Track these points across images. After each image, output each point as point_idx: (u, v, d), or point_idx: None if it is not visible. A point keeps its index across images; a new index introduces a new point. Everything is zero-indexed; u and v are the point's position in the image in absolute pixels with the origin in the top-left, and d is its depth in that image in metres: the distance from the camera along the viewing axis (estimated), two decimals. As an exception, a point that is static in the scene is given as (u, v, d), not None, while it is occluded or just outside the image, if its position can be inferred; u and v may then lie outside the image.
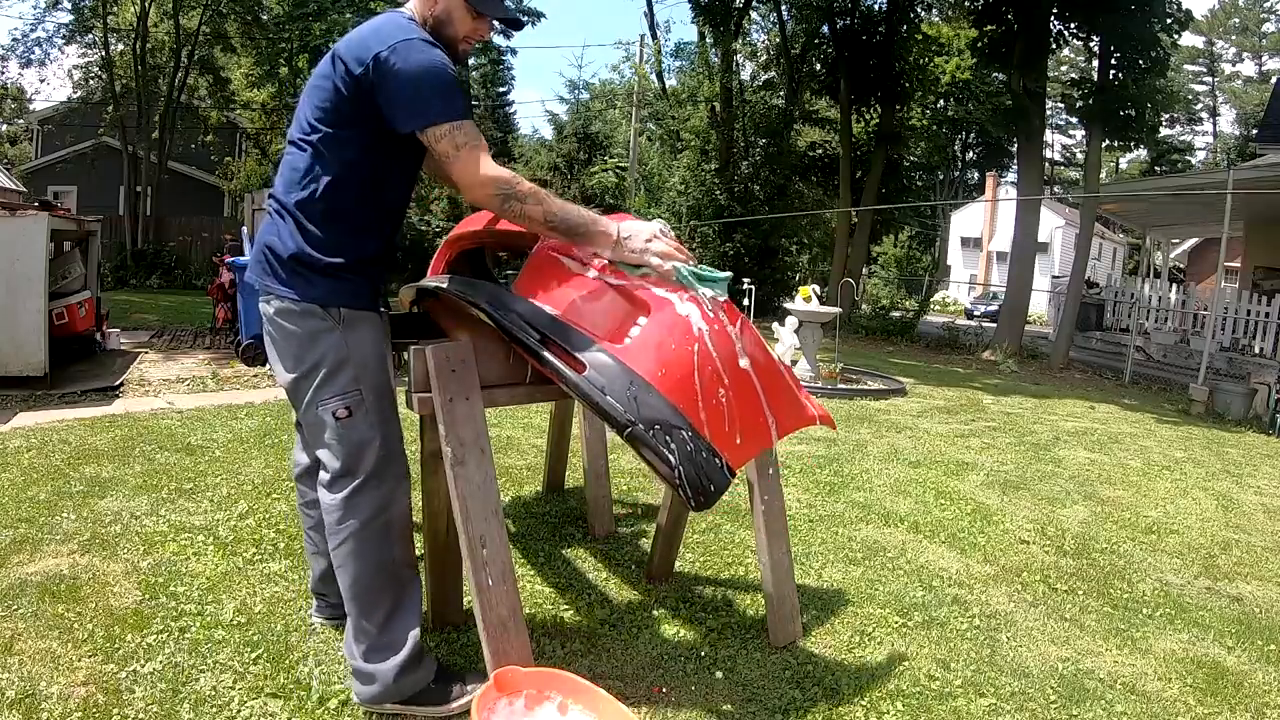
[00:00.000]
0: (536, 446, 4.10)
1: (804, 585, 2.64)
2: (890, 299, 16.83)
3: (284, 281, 1.74)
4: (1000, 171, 34.47)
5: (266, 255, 1.78)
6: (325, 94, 1.73)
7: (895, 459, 4.57)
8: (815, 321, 7.29)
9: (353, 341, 1.75)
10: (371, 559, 1.76)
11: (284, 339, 1.77)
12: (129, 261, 14.56)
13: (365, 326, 1.78)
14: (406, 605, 1.79)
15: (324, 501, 1.79)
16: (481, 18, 1.84)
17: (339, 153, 1.73)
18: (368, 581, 1.75)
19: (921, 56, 16.82)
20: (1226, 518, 4.00)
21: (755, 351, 1.79)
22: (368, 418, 1.75)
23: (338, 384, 1.74)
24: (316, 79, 1.77)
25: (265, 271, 1.78)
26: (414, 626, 1.78)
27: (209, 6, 15.31)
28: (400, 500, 1.82)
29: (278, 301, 1.75)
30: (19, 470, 3.20)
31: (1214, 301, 12.07)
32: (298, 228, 1.74)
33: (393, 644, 1.75)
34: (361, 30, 1.76)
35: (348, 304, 1.75)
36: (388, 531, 1.78)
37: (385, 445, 1.77)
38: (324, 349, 1.73)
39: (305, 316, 1.73)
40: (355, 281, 1.77)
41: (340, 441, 1.75)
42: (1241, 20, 43.05)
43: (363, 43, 1.69)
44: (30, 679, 1.78)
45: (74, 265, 5.73)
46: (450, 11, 1.81)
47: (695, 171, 17.03)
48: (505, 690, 1.53)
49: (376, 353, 1.79)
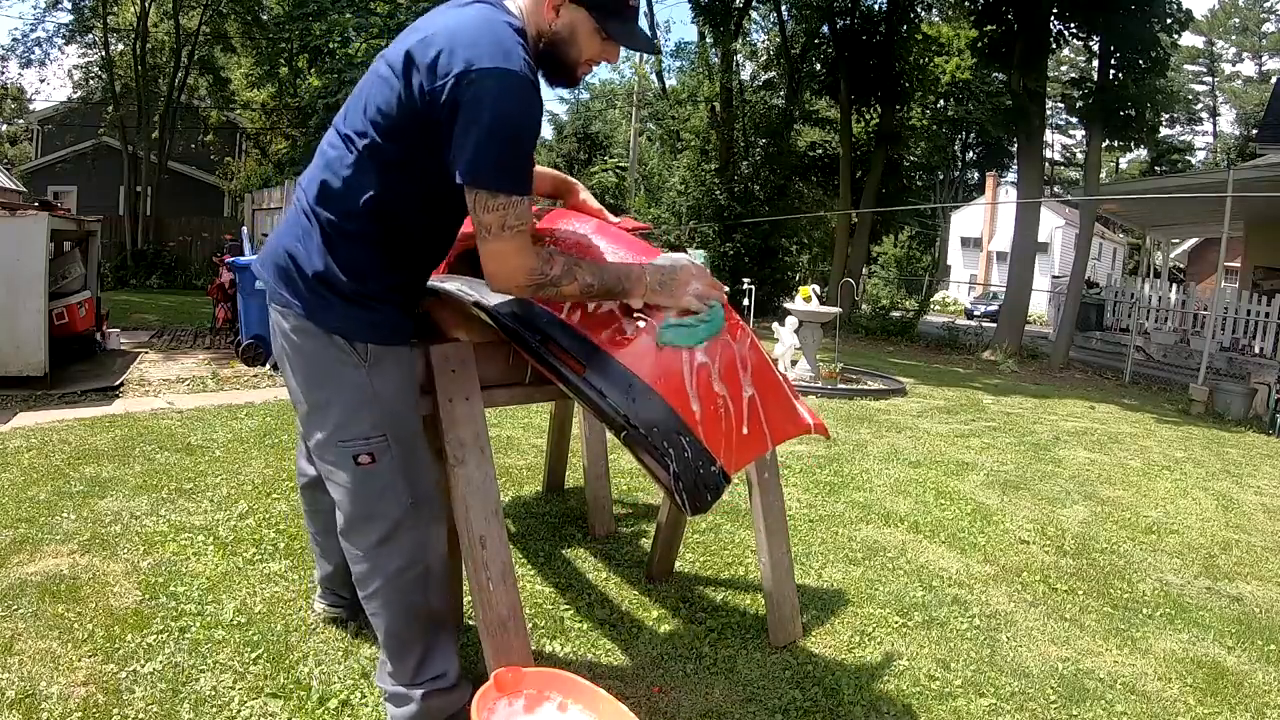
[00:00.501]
0: (536, 446, 4.10)
1: (804, 585, 2.64)
2: (890, 299, 16.82)
3: (304, 300, 1.53)
4: (1000, 171, 34.47)
5: (288, 264, 1.55)
6: (387, 98, 1.46)
7: (895, 459, 4.57)
8: (815, 321, 7.28)
9: (379, 381, 1.55)
10: (402, 609, 1.61)
11: (297, 356, 1.57)
12: (129, 261, 14.57)
13: (393, 363, 1.57)
14: (440, 646, 1.67)
15: (347, 550, 1.64)
16: (611, 41, 1.56)
17: (392, 168, 1.49)
18: (399, 632, 1.63)
19: (921, 56, 16.82)
20: (1226, 518, 4.00)
21: (753, 357, 1.78)
22: (392, 464, 1.56)
23: (359, 427, 1.54)
24: (381, 75, 1.49)
25: (281, 280, 1.56)
26: (448, 665, 1.67)
27: (209, 6, 15.33)
28: (435, 546, 1.64)
29: (295, 319, 1.55)
30: (19, 470, 3.20)
31: (1214, 301, 12.07)
32: (326, 243, 1.52)
33: (427, 680, 1.66)
34: (450, 27, 1.43)
35: (376, 339, 1.54)
36: (422, 581, 1.61)
37: (412, 490, 1.59)
38: (345, 386, 1.54)
39: (326, 345, 1.53)
40: (385, 311, 1.56)
41: (361, 488, 1.57)
42: (1241, 20, 43.04)
43: (450, 50, 1.39)
44: (30, 679, 1.78)
45: (74, 265, 5.73)
46: (575, 30, 1.52)
47: (695, 171, 17.04)
48: (505, 690, 1.53)
49: (405, 393, 1.60)
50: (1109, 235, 31.33)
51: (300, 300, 1.53)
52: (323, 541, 2.03)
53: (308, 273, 1.52)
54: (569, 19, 1.51)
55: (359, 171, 1.50)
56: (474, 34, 1.41)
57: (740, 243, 16.31)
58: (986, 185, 34.31)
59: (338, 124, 1.57)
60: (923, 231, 26.96)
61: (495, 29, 1.43)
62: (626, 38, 1.56)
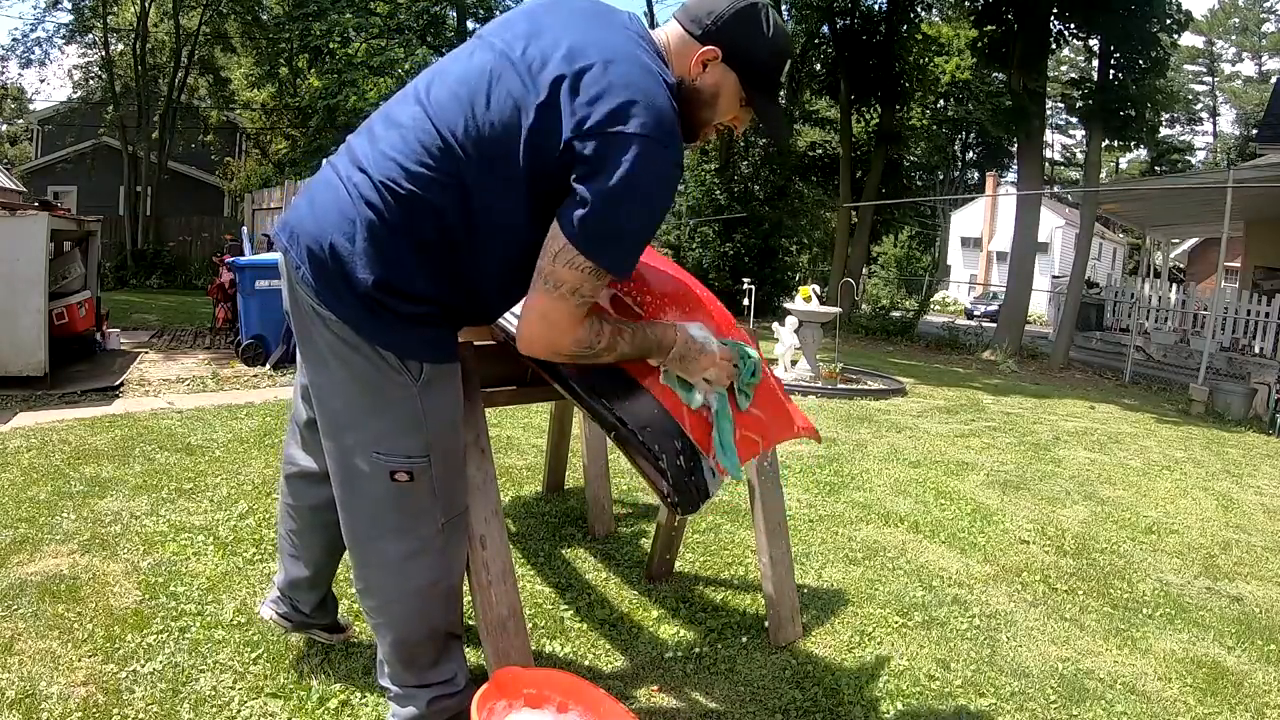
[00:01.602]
0: (536, 446, 4.10)
1: (804, 585, 2.64)
2: (890, 299, 16.85)
3: (349, 308, 1.35)
4: (1000, 171, 34.49)
5: (327, 259, 1.34)
6: (517, 108, 1.27)
7: (895, 459, 4.57)
8: (815, 321, 7.29)
9: (430, 401, 1.42)
10: (421, 625, 1.56)
11: (331, 350, 1.41)
12: (129, 261, 14.57)
13: (446, 382, 1.46)
14: (450, 651, 1.64)
15: (360, 555, 1.57)
16: (747, 110, 1.44)
17: (504, 190, 1.31)
18: (411, 644, 1.57)
19: (921, 56, 16.85)
20: (1226, 518, 4.00)
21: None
22: (431, 485, 1.47)
23: (404, 445, 1.43)
24: (522, 84, 1.29)
25: (319, 276, 1.35)
26: (456, 669, 1.64)
27: (209, 6, 15.34)
28: (459, 564, 1.59)
29: (336, 326, 1.37)
30: (19, 470, 3.20)
31: (1214, 301, 12.09)
32: (382, 249, 1.32)
33: (435, 684, 1.62)
34: (620, 69, 1.26)
35: (430, 358, 1.41)
36: (443, 599, 1.56)
37: (447, 512, 1.51)
38: (393, 403, 1.41)
39: (372, 358, 1.38)
40: (441, 329, 1.43)
41: (394, 505, 1.47)
42: (1241, 20, 43.05)
43: (604, 92, 1.24)
44: (30, 679, 1.78)
45: (74, 265, 5.73)
46: (720, 91, 1.39)
47: (695, 171, 17.05)
48: (505, 690, 1.52)
49: (454, 413, 1.50)
50: (1109, 235, 31.33)
51: (340, 304, 1.35)
52: (297, 542, 1.85)
53: (358, 278, 1.32)
54: (717, 78, 1.38)
55: (442, 179, 1.30)
56: (635, 82, 1.26)
57: (740, 243, 16.31)
58: (986, 185, 34.31)
59: (429, 108, 1.33)
60: (923, 231, 26.96)
61: (655, 88, 1.28)
62: (767, 114, 1.45)
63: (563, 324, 1.34)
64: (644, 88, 1.27)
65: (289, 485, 1.83)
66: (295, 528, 1.85)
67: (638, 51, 1.32)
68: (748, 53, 1.39)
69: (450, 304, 1.41)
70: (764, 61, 1.41)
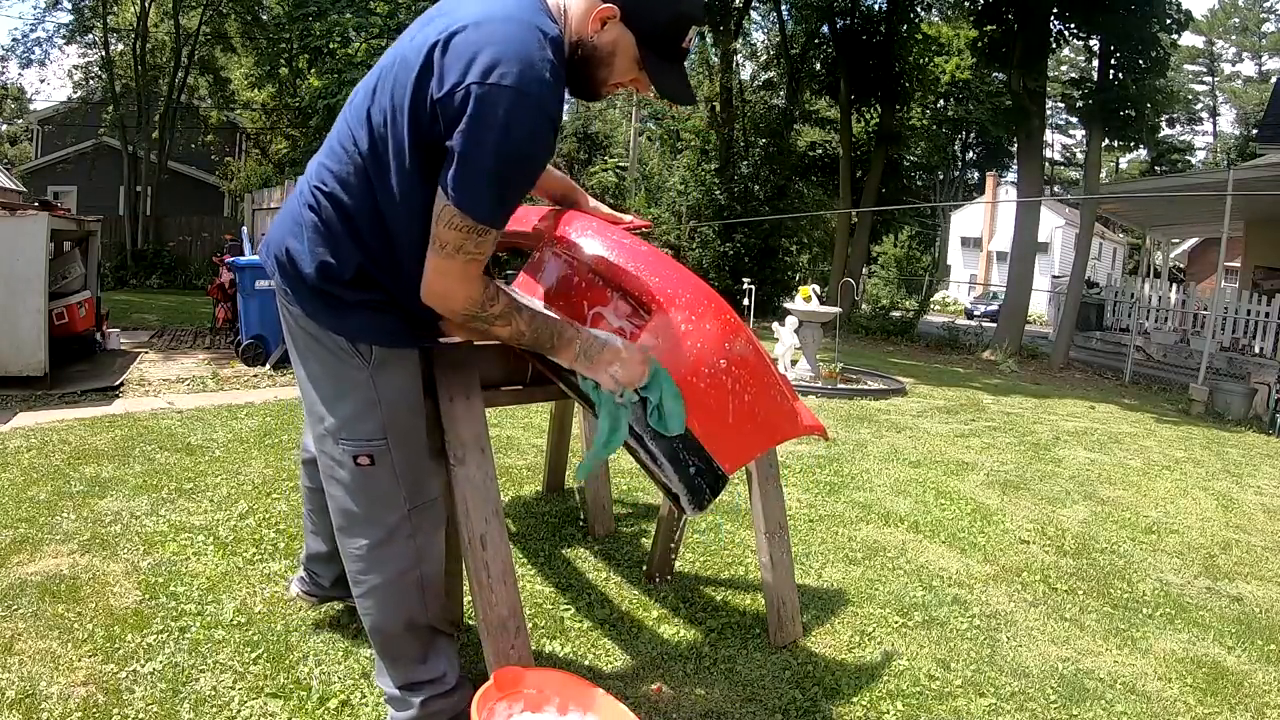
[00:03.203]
0: (536, 446, 4.10)
1: (804, 585, 2.64)
2: (890, 299, 16.85)
3: (305, 300, 1.49)
4: (1000, 171, 34.47)
5: (287, 260, 1.50)
6: (407, 92, 1.34)
7: (895, 459, 4.57)
8: (815, 321, 7.29)
9: (382, 384, 1.51)
10: (397, 616, 1.58)
11: (305, 351, 1.54)
12: (129, 261, 14.57)
13: (398, 366, 1.54)
14: (436, 649, 1.65)
15: (342, 547, 1.60)
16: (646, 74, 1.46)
17: (399, 170, 1.39)
18: (393, 634, 1.60)
19: (921, 56, 16.85)
20: (1226, 518, 4.00)
21: (752, 358, 1.78)
22: (393, 469, 1.53)
23: (361, 429, 1.51)
24: (400, 64, 1.36)
25: (283, 276, 1.51)
26: (445, 668, 1.65)
27: (209, 6, 15.33)
28: (432, 554, 1.61)
29: (300, 317, 1.51)
30: (19, 470, 3.20)
31: (1214, 301, 12.08)
32: (325, 243, 1.45)
33: (423, 684, 1.63)
34: (484, 29, 1.30)
35: (380, 341, 1.50)
36: (418, 589, 1.59)
37: (412, 497, 1.56)
38: (348, 386, 1.51)
39: (330, 344, 1.50)
40: (390, 315, 1.51)
41: (359, 490, 1.54)
42: (1241, 20, 43.07)
43: (467, 54, 1.28)
44: (30, 679, 1.78)
45: (74, 265, 5.73)
46: (616, 51, 1.41)
47: (695, 171, 17.05)
48: (505, 690, 1.52)
49: (409, 396, 1.56)
50: (1109, 235, 31.33)
51: (301, 299, 1.49)
52: (317, 520, 1.98)
53: (306, 273, 1.46)
54: (613, 37, 1.40)
55: (367, 168, 1.41)
56: (501, 41, 1.28)
57: (740, 243, 16.31)
58: (986, 185, 34.31)
59: (348, 112, 1.47)
60: (923, 231, 26.97)
61: (524, 39, 1.30)
62: (662, 77, 1.44)
63: (452, 282, 1.39)
64: (512, 41, 1.28)
65: (305, 469, 2.00)
66: (312, 508, 2.00)
67: (516, 11, 1.34)
68: (648, 14, 1.40)
69: (392, 290, 1.49)
70: (662, 24, 1.41)
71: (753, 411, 1.72)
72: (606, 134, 25.14)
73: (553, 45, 1.33)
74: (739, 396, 1.69)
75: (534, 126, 1.29)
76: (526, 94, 1.26)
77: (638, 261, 1.71)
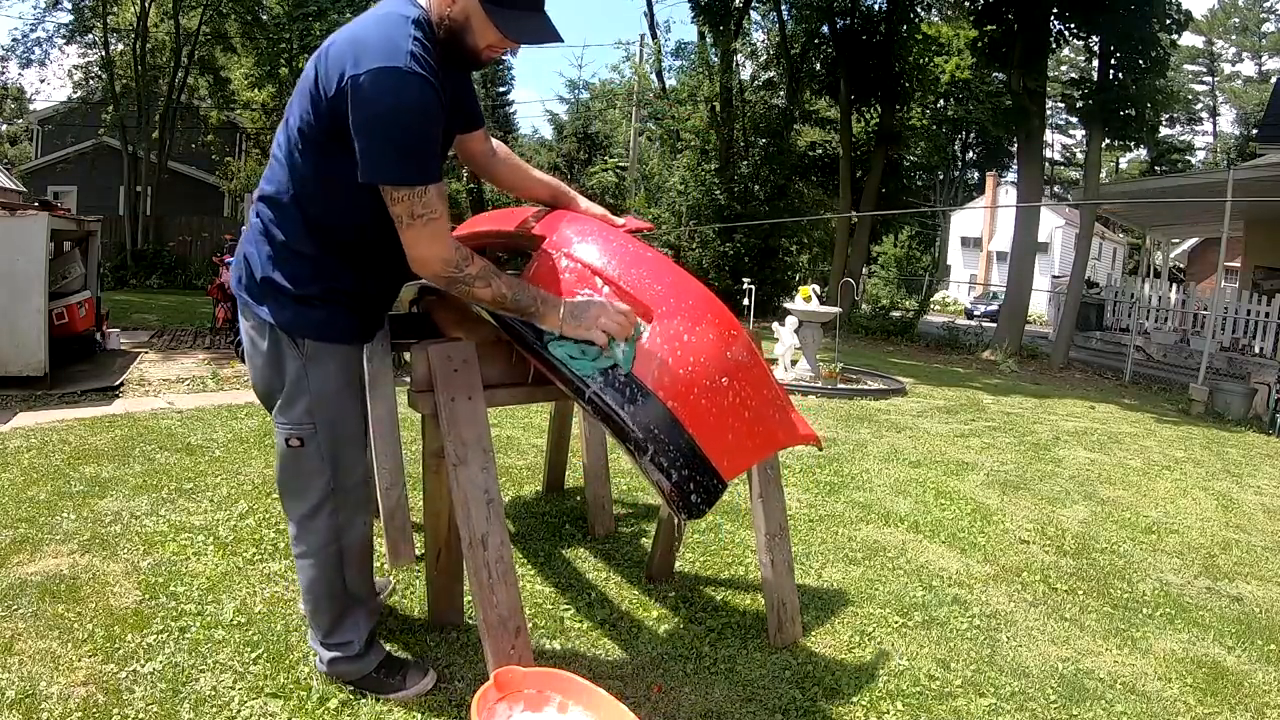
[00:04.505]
0: (536, 446, 4.09)
1: (804, 585, 2.64)
2: (890, 299, 16.81)
3: (256, 298, 1.68)
4: (1000, 171, 34.43)
5: (243, 266, 1.72)
6: (306, 108, 1.55)
7: (895, 459, 4.57)
8: (815, 321, 7.28)
9: (314, 374, 1.69)
10: (320, 580, 1.78)
11: (254, 353, 1.74)
12: (129, 261, 14.55)
13: (330, 359, 1.70)
14: (350, 617, 1.82)
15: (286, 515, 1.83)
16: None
17: (317, 173, 1.59)
18: (316, 594, 1.80)
19: (921, 56, 16.81)
20: (1226, 518, 4.00)
21: (752, 366, 1.77)
22: (319, 450, 1.72)
23: (293, 412, 1.71)
24: (304, 80, 1.57)
25: (240, 282, 1.73)
26: (354, 635, 1.82)
27: (209, 6, 15.30)
28: (354, 531, 1.79)
29: (252, 316, 1.71)
30: (19, 470, 3.20)
31: (1214, 301, 12.08)
32: (270, 247, 1.66)
33: (335, 645, 1.82)
34: (351, 30, 1.52)
35: (314, 336, 1.68)
36: (338, 560, 1.78)
37: (336, 478, 1.74)
38: (285, 374, 1.70)
39: (275, 338, 1.68)
40: (328, 311, 1.68)
41: (291, 467, 1.76)
42: (1241, 20, 43.05)
43: (340, 54, 1.48)
44: (30, 679, 1.78)
45: (74, 265, 5.72)
46: (469, 17, 1.53)
47: (695, 171, 17.02)
48: (505, 690, 1.53)
49: (339, 386, 1.72)
50: (1109, 235, 31.32)
51: (256, 297, 1.68)
52: None
53: (257, 275, 1.66)
54: (463, 6, 1.53)
55: (294, 176, 1.61)
56: (364, 35, 1.48)
57: (740, 243, 16.29)
58: (986, 185, 34.29)
59: (278, 137, 1.67)
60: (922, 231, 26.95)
61: (386, 26, 1.49)
62: (513, 28, 1.54)
63: (424, 246, 1.55)
64: (372, 31, 1.49)
65: None
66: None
67: (379, 10, 1.55)
68: None
69: (333, 285, 1.67)
70: None
71: (752, 420, 1.72)
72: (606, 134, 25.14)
73: (414, 23, 1.50)
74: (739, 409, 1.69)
75: (406, 88, 1.43)
76: (393, 65, 1.43)
77: (639, 268, 1.72)
